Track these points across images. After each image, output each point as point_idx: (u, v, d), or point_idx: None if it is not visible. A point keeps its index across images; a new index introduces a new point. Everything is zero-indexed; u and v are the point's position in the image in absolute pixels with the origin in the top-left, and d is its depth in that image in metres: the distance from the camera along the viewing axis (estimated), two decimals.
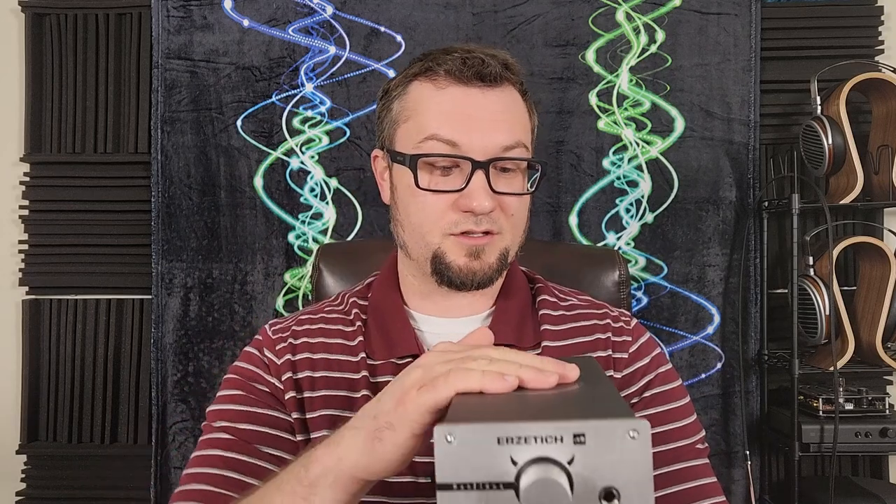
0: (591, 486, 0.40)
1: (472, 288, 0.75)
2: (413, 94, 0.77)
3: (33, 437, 1.87)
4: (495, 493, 0.40)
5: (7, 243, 1.90)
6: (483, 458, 0.40)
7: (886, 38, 1.85)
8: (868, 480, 1.80)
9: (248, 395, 0.77)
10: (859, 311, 1.74)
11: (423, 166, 0.74)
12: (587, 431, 0.40)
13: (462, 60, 0.74)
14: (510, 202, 0.75)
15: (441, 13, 1.83)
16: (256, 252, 1.84)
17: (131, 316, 1.87)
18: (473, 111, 0.74)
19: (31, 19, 1.87)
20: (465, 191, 0.72)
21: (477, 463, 0.40)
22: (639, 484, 0.39)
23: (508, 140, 0.74)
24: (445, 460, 0.40)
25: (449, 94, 0.74)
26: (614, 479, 0.39)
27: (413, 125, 0.76)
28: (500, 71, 0.75)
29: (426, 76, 0.76)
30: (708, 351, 1.82)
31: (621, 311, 0.87)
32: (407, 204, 0.77)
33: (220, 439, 0.73)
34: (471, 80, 0.74)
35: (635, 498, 0.39)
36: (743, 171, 1.83)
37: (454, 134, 0.73)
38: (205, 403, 1.81)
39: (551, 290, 0.87)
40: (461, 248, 0.74)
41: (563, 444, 0.40)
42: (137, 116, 1.87)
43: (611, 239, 1.84)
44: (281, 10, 1.83)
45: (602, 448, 0.40)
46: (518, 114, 0.78)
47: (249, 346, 0.83)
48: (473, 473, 0.40)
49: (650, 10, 1.83)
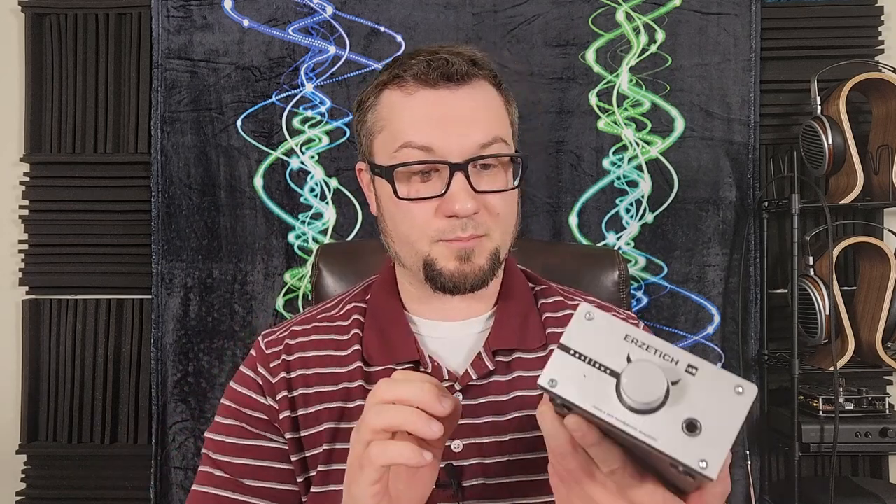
0: (681, 410, 0.42)
1: (466, 291, 0.75)
2: (384, 103, 0.76)
3: (33, 437, 1.87)
4: (600, 374, 0.44)
5: (7, 243, 1.90)
6: (607, 343, 0.45)
7: (886, 38, 1.85)
8: (868, 480, 1.80)
9: (243, 426, 0.77)
10: (859, 311, 1.74)
11: (402, 176, 0.73)
12: (701, 367, 0.43)
13: (427, 63, 0.73)
14: (494, 201, 0.74)
15: (441, 13, 1.83)
16: (256, 252, 1.83)
17: (131, 316, 1.87)
18: (445, 113, 0.72)
19: (31, 19, 1.87)
20: (446, 195, 0.71)
21: (600, 344, 0.45)
22: (723, 430, 0.42)
23: (485, 137, 0.72)
24: (577, 330, 0.46)
25: (418, 98, 0.73)
26: (704, 416, 0.42)
27: (387, 135, 0.75)
28: (467, 68, 0.74)
29: (395, 84, 0.75)
30: (708, 351, 1.82)
31: (628, 314, 0.87)
32: (392, 214, 0.76)
33: (215, 477, 0.75)
34: (438, 82, 0.73)
35: (714, 441, 0.42)
36: (743, 171, 1.83)
37: (428, 139, 0.71)
38: (205, 403, 1.82)
39: (556, 290, 0.86)
40: (451, 253, 0.73)
41: (676, 367, 0.44)
42: (137, 116, 1.87)
43: (611, 239, 1.84)
44: (281, 10, 1.83)
45: (707, 387, 0.43)
46: (493, 108, 0.76)
47: (244, 365, 0.82)
48: (592, 350, 0.45)
49: (650, 10, 1.83)
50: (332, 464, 0.73)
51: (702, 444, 0.42)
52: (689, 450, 0.42)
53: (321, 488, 0.73)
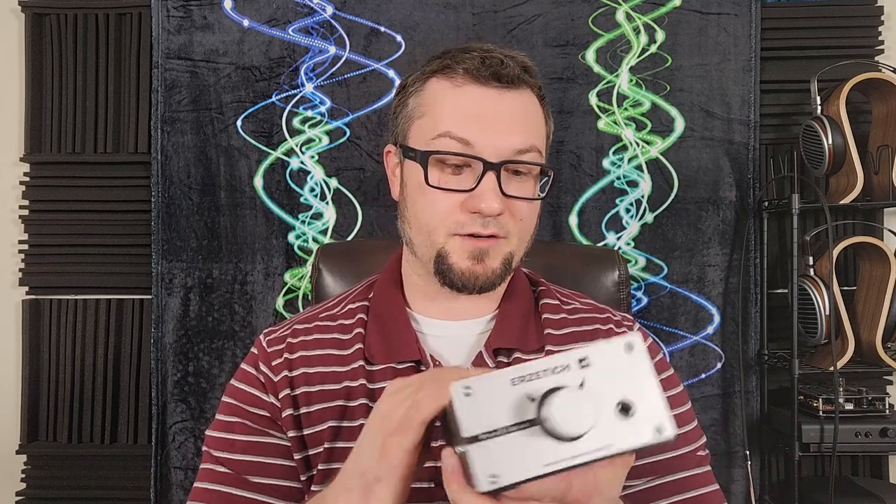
0: (607, 402, 0.42)
1: (473, 291, 0.75)
2: (430, 90, 0.76)
3: (33, 437, 1.87)
4: (521, 431, 0.42)
5: (7, 243, 1.90)
6: (502, 402, 0.42)
7: (886, 38, 1.85)
8: (868, 480, 1.80)
9: (246, 423, 0.76)
10: (859, 311, 1.74)
11: (435, 163, 0.73)
12: (589, 354, 0.43)
13: (481, 60, 0.73)
14: (520, 206, 0.75)
15: (441, 13, 1.83)
16: (256, 252, 1.83)
17: (131, 316, 1.87)
18: (489, 111, 0.73)
19: (31, 19, 1.87)
20: (474, 191, 0.72)
21: (497, 408, 0.42)
22: (646, 391, 0.42)
23: (522, 143, 0.73)
24: (467, 413, 0.43)
25: (465, 92, 0.74)
26: (625, 393, 0.42)
27: (428, 121, 0.75)
28: (519, 73, 0.75)
29: (444, 74, 0.75)
30: (708, 351, 1.82)
31: (624, 316, 0.87)
32: (415, 201, 0.76)
33: (218, 473, 0.75)
34: (488, 80, 0.73)
35: (648, 407, 0.42)
36: (743, 171, 1.83)
37: (468, 133, 0.72)
38: (205, 403, 1.82)
39: (554, 293, 0.86)
40: (465, 250, 0.73)
41: (572, 371, 0.43)
42: (137, 116, 1.87)
43: (611, 239, 1.84)
44: (281, 10, 1.83)
45: (606, 367, 0.43)
46: (534, 118, 0.77)
47: (245, 361, 0.81)
48: (496, 419, 0.42)
49: (650, 10, 1.83)
50: (332, 462, 0.73)
51: (644, 417, 0.42)
52: (640, 429, 0.42)
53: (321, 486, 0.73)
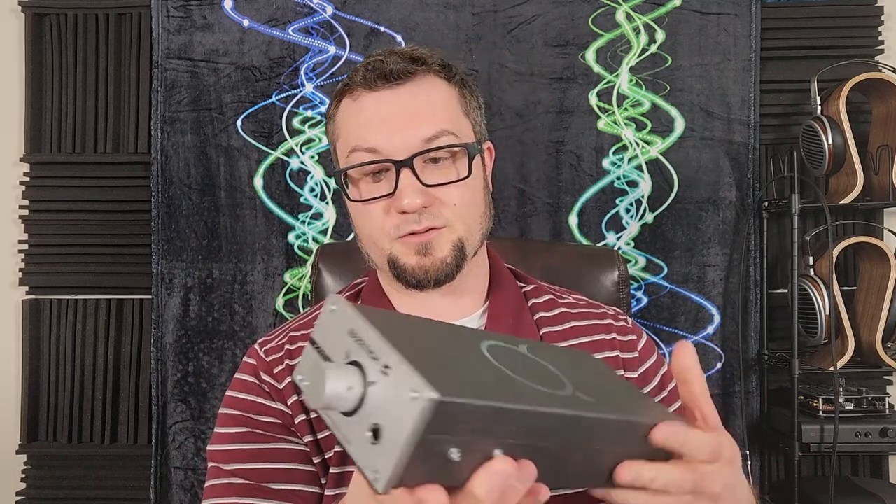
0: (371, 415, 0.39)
1: (433, 285, 0.75)
2: (340, 112, 0.79)
3: (33, 437, 1.87)
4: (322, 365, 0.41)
5: (7, 243, 1.90)
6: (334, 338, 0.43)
7: (886, 38, 1.85)
8: (868, 480, 1.80)
9: (255, 431, 0.75)
10: (859, 311, 1.74)
11: (354, 179, 0.76)
12: (394, 367, 0.39)
13: (366, 67, 0.75)
14: (449, 192, 0.74)
15: (441, 13, 1.83)
16: (256, 252, 1.83)
17: (131, 316, 1.87)
18: (386, 113, 0.74)
19: (31, 19, 1.86)
20: (395, 193, 0.73)
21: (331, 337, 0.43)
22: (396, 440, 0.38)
23: (429, 131, 0.73)
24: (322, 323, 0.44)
25: (362, 102, 0.75)
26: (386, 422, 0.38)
27: (342, 143, 0.78)
28: (404, 65, 0.75)
29: (346, 92, 0.78)
30: (708, 351, 1.82)
31: (616, 310, 0.87)
32: (355, 218, 0.79)
33: (234, 485, 0.72)
34: (376, 84, 0.74)
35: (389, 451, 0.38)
36: (743, 171, 1.83)
37: (372, 140, 0.73)
38: (205, 404, 1.81)
39: (546, 289, 0.86)
40: (409, 248, 0.74)
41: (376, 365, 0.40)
42: (137, 116, 1.87)
43: (611, 239, 1.84)
44: (281, 10, 1.83)
45: (395, 388, 0.38)
46: (439, 101, 0.76)
47: (241, 372, 0.80)
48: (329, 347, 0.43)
49: (650, 10, 1.83)
50: (345, 466, 0.73)
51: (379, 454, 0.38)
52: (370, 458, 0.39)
53: (335, 490, 0.73)
